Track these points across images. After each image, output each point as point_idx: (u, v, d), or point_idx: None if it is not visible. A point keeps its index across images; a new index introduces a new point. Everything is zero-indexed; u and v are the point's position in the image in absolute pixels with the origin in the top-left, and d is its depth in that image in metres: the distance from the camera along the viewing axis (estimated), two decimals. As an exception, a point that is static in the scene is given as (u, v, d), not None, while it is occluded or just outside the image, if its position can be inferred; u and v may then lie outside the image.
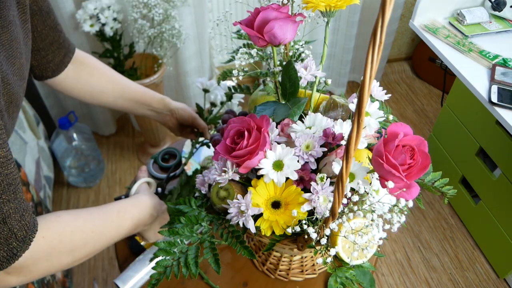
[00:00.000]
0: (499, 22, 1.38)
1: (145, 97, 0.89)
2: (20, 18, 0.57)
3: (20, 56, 0.56)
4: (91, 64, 0.82)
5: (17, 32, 0.55)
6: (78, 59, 0.80)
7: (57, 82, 0.78)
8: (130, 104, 0.88)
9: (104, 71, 0.84)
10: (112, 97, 0.85)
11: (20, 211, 0.49)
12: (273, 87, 0.72)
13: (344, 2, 0.59)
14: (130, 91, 0.87)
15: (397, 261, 1.63)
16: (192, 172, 1.01)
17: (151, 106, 0.90)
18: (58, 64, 0.75)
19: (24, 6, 0.58)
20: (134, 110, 0.90)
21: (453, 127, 1.65)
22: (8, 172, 0.47)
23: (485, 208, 1.54)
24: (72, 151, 1.73)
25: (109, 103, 0.86)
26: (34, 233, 0.51)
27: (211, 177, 0.62)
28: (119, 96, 0.86)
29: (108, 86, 0.84)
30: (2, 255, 0.48)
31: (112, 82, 0.85)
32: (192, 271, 0.60)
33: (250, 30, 0.57)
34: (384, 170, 0.49)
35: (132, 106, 0.88)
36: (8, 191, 0.47)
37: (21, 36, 0.57)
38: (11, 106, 0.53)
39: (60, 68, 0.76)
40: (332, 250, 0.52)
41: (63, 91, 0.81)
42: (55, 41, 0.72)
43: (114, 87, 0.85)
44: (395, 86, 2.40)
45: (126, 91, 0.87)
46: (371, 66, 0.36)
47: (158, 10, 1.56)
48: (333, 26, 2.03)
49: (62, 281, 0.97)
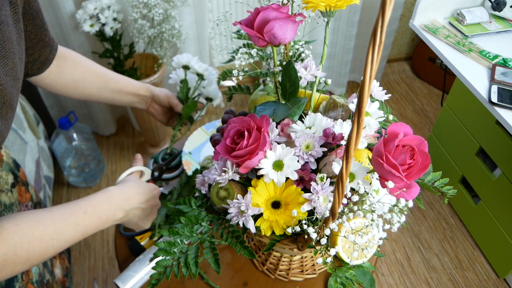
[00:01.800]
0: (499, 22, 1.38)
1: (129, 86, 0.90)
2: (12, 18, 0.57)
3: (13, 56, 0.55)
4: (73, 58, 0.83)
5: (10, 32, 0.54)
6: (60, 55, 0.80)
7: (41, 78, 0.78)
8: (115, 93, 0.89)
9: (86, 64, 0.85)
10: (96, 88, 0.86)
11: None
12: (273, 87, 0.72)
13: (344, 2, 0.59)
14: (114, 81, 0.88)
15: (397, 261, 1.63)
16: (192, 172, 1.01)
17: (136, 93, 0.91)
18: (43, 62, 0.75)
19: (16, 6, 0.58)
20: (119, 99, 0.90)
21: (453, 127, 1.65)
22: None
23: (485, 208, 1.54)
24: (72, 151, 1.73)
25: (93, 94, 0.87)
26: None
27: (211, 177, 0.62)
28: (103, 87, 0.87)
29: (91, 77, 0.85)
30: None
31: (94, 74, 0.86)
32: (192, 271, 0.60)
33: (250, 30, 0.57)
34: (384, 170, 0.49)
35: (117, 95, 0.89)
36: None
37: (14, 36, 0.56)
38: (4, 107, 0.53)
39: (45, 65, 0.76)
40: (332, 250, 0.52)
41: (47, 87, 0.81)
42: (42, 39, 0.72)
43: (97, 78, 0.86)
44: (395, 86, 2.40)
45: (110, 81, 0.87)
46: (371, 66, 0.36)
47: (158, 10, 1.56)
48: (333, 26, 2.03)
49: (62, 281, 0.96)
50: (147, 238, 0.91)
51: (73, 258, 1.62)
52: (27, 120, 1.53)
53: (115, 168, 1.94)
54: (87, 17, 1.56)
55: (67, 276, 1.00)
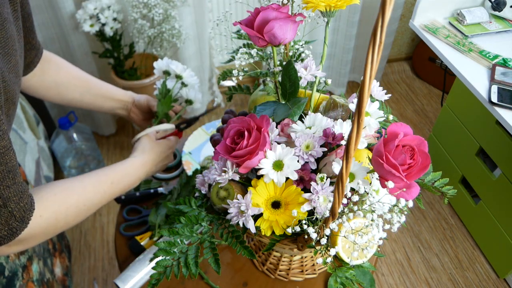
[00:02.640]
0: (499, 22, 1.38)
1: (110, 91, 0.91)
2: (13, 16, 0.58)
3: (15, 53, 0.57)
4: (57, 62, 0.84)
5: (11, 30, 0.55)
6: (45, 59, 0.81)
7: (24, 81, 0.79)
8: (97, 98, 0.89)
9: (69, 69, 0.86)
10: (78, 93, 0.87)
11: (18, 194, 0.54)
12: (273, 87, 0.72)
13: (344, 2, 0.59)
14: (96, 86, 0.89)
15: (397, 261, 1.63)
16: (192, 172, 1.01)
17: (118, 98, 0.91)
18: (28, 64, 0.76)
19: (15, 4, 0.59)
20: (101, 105, 0.91)
21: (453, 127, 1.65)
22: (8, 160, 0.51)
23: (485, 208, 1.54)
24: (72, 151, 1.73)
25: (76, 99, 0.87)
26: (31, 213, 0.56)
27: (211, 177, 0.62)
28: (85, 91, 0.87)
29: (73, 81, 0.86)
30: (3, 234, 0.53)
31: (77, 78, 0.87)
32: (192, 271, 0.60)
33: (250, 30, 0.57)
34: (384, 170, 0.49)
35: (99, 100, 0.90)
36: (8, 178, 0.52)
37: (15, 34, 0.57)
38: (7, 103, 0.54)
39: (30, 68, 0.77)
40: (332, 250, 0.52)
41: (30, 90, 0.82)
42: (29, 42, 0.73)
43: (79, 83, 0.86)
44: (395, 86, 2.40)
45: (92, 86, 0.88)
46: (371, 66, 0.36)
47: (158, 10, 1.56)
48: (333, 26, 2.03)
49: (62, 279, 0.97)
50: (147, 238, 0.91)
51: (73, 258, 1.62)
52: (27, 120, 1.53)
53: (115, 168, 1.94)
54: (87, 17, 1.56)
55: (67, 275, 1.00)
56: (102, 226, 1.73)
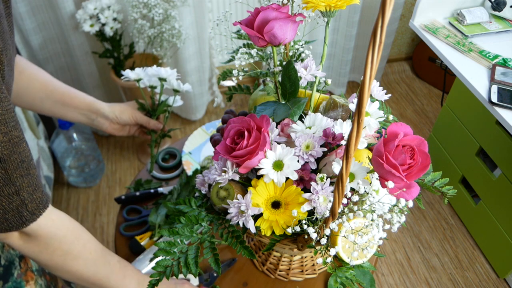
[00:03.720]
0: (499, 22, 1.38)
1: (74, 101, 0.83)
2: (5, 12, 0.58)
3: (10, 48, 0.57)
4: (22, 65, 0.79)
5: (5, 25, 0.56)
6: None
7: None
8: (58, 106, 0.83)
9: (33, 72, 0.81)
10: (39, 98, 0.81)
11: (32, 185, 0.54)
12: (273, 87, 0.72)
13: (344, 2, 0.59)
14: (58, 92, 0.82)
15: (397, 261, 1.63)
16: (192, 172, 1.01)
17: (80, 110, 0.84)
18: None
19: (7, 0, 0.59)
20: (64, 114, 0.84)
21: (453, 127, 1.65)
22: (21, 150, 0.52)
23: (485, 208, 1.54)
24: (72, 151, 1.73)
25: (36, 104, 0.82)
26: (44, 209, 0.57)
27: (211, 177, 0.62)
28: (45, 97, 0.81)
29: (34, 85, 0.80)
30: (12, 219, 0.54)
31: (40, 82, 0.80)
32: (192, 271, 0.60)
33: (250, 30, 0.57)
34: (384, 170, 0.49)
35: (61, 109, 0.83)
36: (21, 167, 0.52)
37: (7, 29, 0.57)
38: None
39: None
40: (332, 250, 0.52)
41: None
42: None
43: (40, 87, 0.80)
44: (395, 86, 2.40)
45: (54, 92, 0.82)
46: (371, 66, 0.36)
47: (158, 10, 1.56)
48: (333, 26, 2.03)
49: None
50: (147, 238, 0.91)
51: (73, 258, 1.62)
52: (27, 120, 1.53)
53: (115, 168, 1.94)
54: (87, 17, 1.56)
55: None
56: (102, 226, 1.73)
